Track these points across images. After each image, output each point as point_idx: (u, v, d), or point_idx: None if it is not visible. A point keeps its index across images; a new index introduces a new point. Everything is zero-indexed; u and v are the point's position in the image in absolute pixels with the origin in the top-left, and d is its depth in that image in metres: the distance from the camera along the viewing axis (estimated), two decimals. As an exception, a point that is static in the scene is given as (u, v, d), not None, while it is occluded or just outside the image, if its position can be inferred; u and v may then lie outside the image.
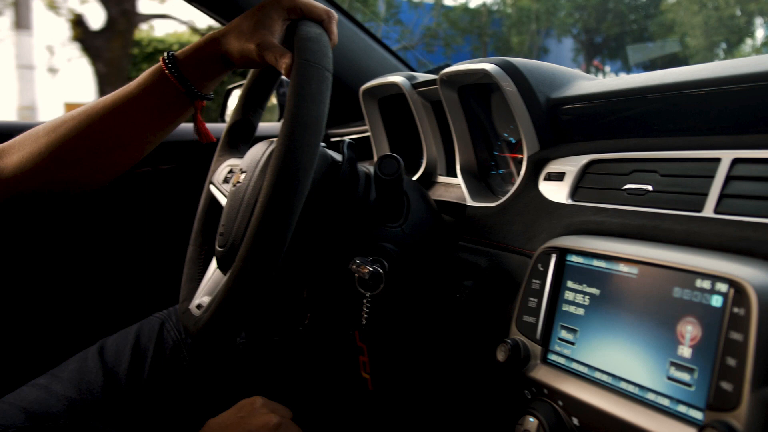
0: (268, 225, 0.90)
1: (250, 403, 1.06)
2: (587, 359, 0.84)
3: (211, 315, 0.99)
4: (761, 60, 0.88)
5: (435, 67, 1.84)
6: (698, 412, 0.69)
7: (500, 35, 21.51)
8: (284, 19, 1.10)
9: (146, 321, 1.43)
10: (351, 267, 1.09)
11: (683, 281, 0.74)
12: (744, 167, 0.82)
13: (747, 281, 0.67)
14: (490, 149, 1.40)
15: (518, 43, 20.33)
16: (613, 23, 19.92)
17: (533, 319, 0.93)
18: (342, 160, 1.15)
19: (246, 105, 1.37)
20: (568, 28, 20.72)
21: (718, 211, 0.80)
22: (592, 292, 0.86)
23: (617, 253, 0.84)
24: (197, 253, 1.32)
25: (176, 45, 11.10)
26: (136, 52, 10.99)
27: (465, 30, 21.09)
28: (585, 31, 20.48)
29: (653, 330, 0.77)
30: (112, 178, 1.20)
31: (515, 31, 20.69)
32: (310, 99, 0.94)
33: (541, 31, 20.72)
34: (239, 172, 1.16)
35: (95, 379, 1.27)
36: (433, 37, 19.63)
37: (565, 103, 1.16)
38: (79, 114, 1.14)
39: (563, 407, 0.85)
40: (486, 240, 1.17)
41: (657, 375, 0.75)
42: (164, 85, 1.14)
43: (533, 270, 0.96)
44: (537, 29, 20.46)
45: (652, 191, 0.92)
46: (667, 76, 1.00)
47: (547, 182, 1.12)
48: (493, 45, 21.54)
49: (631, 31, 19.81)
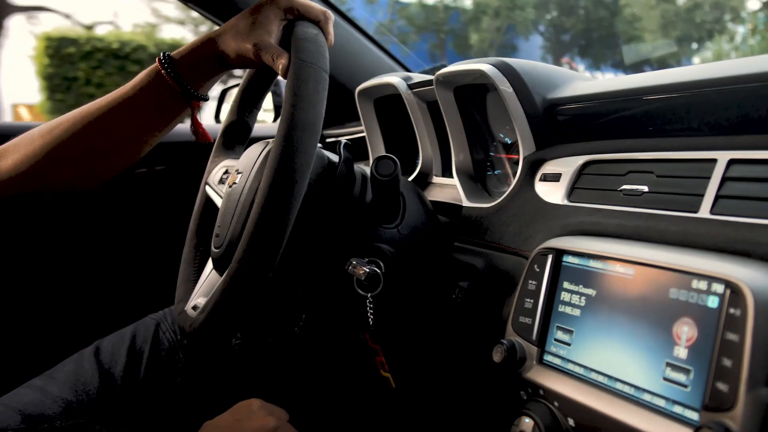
0: (265, 226, 0.90)
1: (247, 406, 1.06)
2: (583, 360, 0.84)
3: (207, 316, 0.99)
4: (757, 61, 0.88)
5: (431, 67, 1.84)
6: (694, 413, 0.69)
7: (458, 32, 21.23)
8: (281, 19, 1.10)
9: (142, 322, 1.43)
10: (347, 268, 1.09)
11: (679, 282, 0.74)
12: (740, 168, 0.82)
13: (743, 282, 0.67)
14: (486, 150, 1.40)
15: (479, 40, 20.06)
16: (579, 20, 19.73)
17: (529, 320, 0.93)
18: (338, 161, 1.15)
19: (241, 106, 1.37)
20: (529, 25, 20.43)
21: (714, 212, 0.80)
22: (588, 293, 0.86)
23: (613, 254, 0.84)
24: (193, 255, 1.32)
25: (116, 43, 10.95)
26: (73, 51, 10.75)
27: (421, 27, 20.78)
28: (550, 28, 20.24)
29: (649, 331, 0.76)
30: (109, 180, 1.20)
31: (473, 27, 20.42)
32: (306, 99, 0.94)
33: (501, 28, 20.42)
34: (235, 173, 1.16)
35: (91, 380, 1.27)
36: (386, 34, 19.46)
37: (561, 104, 1.16)
38: (74, 116, 1.14)
39: (559, 408, 0.85)
40: (482, 241, 1.17)
41: (653, 376, 0.75)
42: (160, 85, 1.14)
43: (529, 271, 0.96)
44: (498, 26, 20.16)
45: (648, 192, 0.92)
46: (664, 77, 1.00)
47: (543, 183, 1.12)
48: (452, 42, 21.27)
49: (597, 28, 19.61)
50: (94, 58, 10.79)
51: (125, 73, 10.50)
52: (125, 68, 10.71)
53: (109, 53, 10.83)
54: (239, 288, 0.93)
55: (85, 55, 10.83)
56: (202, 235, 1.33)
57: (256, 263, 0.91)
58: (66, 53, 10.76)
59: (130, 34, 12.04)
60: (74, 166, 1.15)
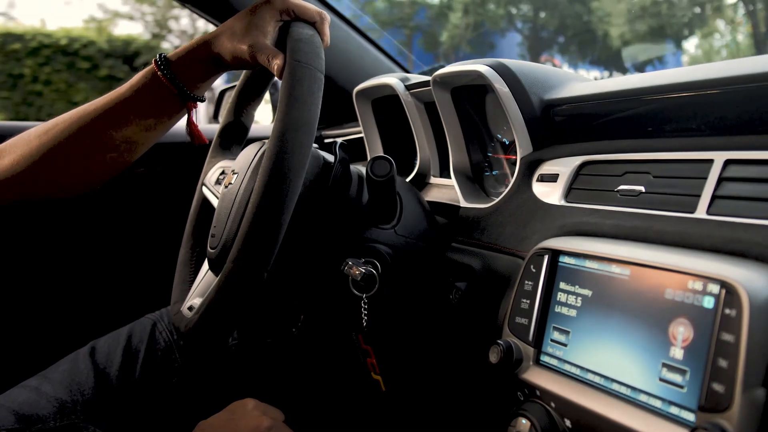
0: (259, 226, 0.90)
1: (242, 405, 1.05)
2: (579, 361, 0.84)
3: (202, 316, 0.99)
4: (754, 62, 0.88)
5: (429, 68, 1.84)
6: (690, 414, 0.69)
7: (426, 29, 20.88)
8: (277, 20, 1.10)
9: (138, 322, 1.43)
10: (343, 268, 1.09)
11: (675, 282, 0.74)
12: (736, 168, 0.82)
13: (738, 282, 0.67)
14: (483, 150, 1.39)
15: (449, 37, 19.76)
16: (553, 15, 19.48)
17: (526, 321, 0.93)
18: (334, 161, 1.15)
19: (238, 106, 1.37)
20: (499, 21, 20.10)
21: (710, 213, 0.80)
22: (585, 294, 0.86)
23: (609, 255, 0.84)
24: (189, 255, 1.32)
25: (65, 39, 10.46)
26: (18, 47, 10.30)
27: (386, 22, 20.37)
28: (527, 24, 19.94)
29: (645, 331, 0.76)
30: (105, 181, 1.20)
31: (439, 23, 20.11)
32: (301, 100, 0.94)
33: (470, 25, 20.04)
34: (231, 174, 1.16)
35: (86, 381, 1.27)
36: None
37: (558, 105, 1.16)
38: (70, 116, 1.14)
39: (555, 409, 0.85)
40: (479, 241, 1.17)
41: (649, 376, 0.75)
42: (156, 86, 1.14)
43: (526, 271, 0.96)
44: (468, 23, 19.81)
45: (645, 192, 0.92)
46: (660, 78, 1.00)
47: (540, 183, 1.12)
48: (421, 40, 20.91)
49: (573, 24, 19.35)
50: (41, 54, 10.36)
51: (74, 70, 10.19)
52: (74, 65, 10.35)
53: (57, 49, 10.40)
54: (234, 288, 0.92)
55: (31, 51, 10.41)
56: (198, 236, 1.33)
57: (251, 264, 0.90)
58: (11, 49, 10.33)
59: (80, 30, 11.61)
60: (71, 167, 1.15)
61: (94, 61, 10.29)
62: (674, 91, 0.96)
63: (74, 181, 1.17)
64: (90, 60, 10.38)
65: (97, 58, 10.30)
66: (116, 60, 10.41)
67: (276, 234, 0.90)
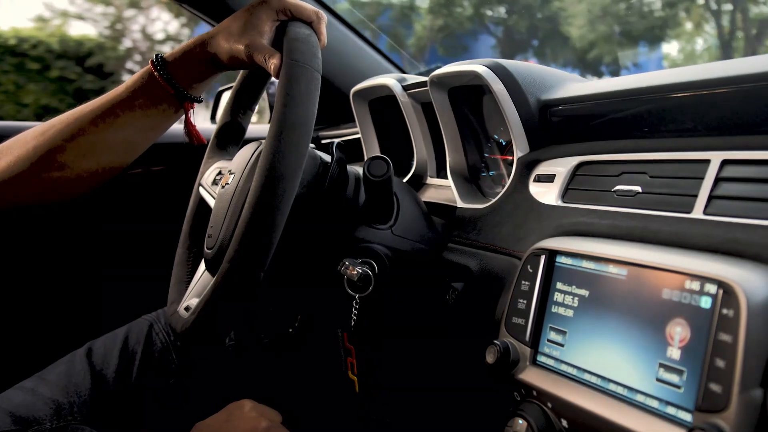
0: (256, 226, 0.90)
1: (239, 407, 1.05)
2: (576, 361, 0.84)
3: (199, 317, 0.98)
4: (750, 62, 0.88)
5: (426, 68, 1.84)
6: (687, 414, 0.69)
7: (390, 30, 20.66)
8: (273, 20, 1.10)
9: (135, 323, 1.43)
10: (340, 269, 1.09)
11: (672, 283, 0.74)
12: (733, 168, 0.82)
13: (736, 282, 0.67)
14: (480, 151, 1.39)
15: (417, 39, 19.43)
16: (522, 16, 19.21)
17: (522, 321, 0.93)
18: (331, 162, 1.15)
19: (235, 106, 1.37)
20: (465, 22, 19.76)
21: (707, 213, 0.80)
22: (581, 294, 0.86)
23: (606, 255, 0.84)
24: (186, 255, 1.32)
25: (13, 39, 9.93)
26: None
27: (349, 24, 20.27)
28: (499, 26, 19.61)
29: (642, 331, 0.76)
30: (102, 182, 1.20)
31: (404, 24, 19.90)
32: (298, 100, 0.94)
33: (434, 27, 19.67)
34: (228, 174, 1.15)
35: (83, 382, 1.27)
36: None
37: (555, 105, 1.16)
38: (67, 117, 1.13)
39: (552, 409, 0.85)
40: (476, 242, 1.17)
41: (646, 376, 0.75)
42: (153, 87, 1.14)
43: (522, 271, 0.95)
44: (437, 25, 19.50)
45: (641, 192, 0.92)
46: (657, 78, 1.00)
47: (537, 184, 1.11)
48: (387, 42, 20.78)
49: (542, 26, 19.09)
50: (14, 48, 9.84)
51: (24, 72, 9.91)
52: (24, 66, 9.87)
53: (5, 50, 9.89)
54: (231, 289, 0.92)
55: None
56: (195, 236, 1.33)
57: (247, 264, 0.90)
58: None
59: (30, 30, 11.22)
60: (67, 168, 1.14)
61: (45, 62, 10.00)
62: (671, 92, 0.96)
63: (71, 183, 1.16)
64: (41, 61, 10.03)
65: (48, 59, 10.01)
66: (68, 61, 10.10)
67: (272, 234, 0.90)
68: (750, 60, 0.89)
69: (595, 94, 1.10)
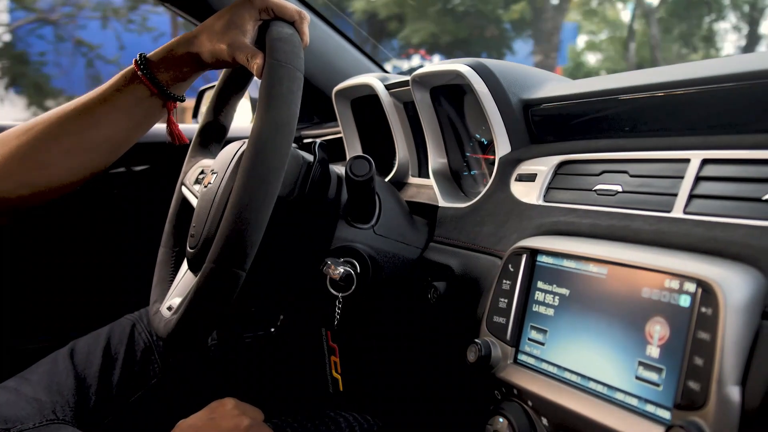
0: (238, 227, 0.89)
1: (221, 405, 1.05)
2: (557, 359, 0.84)
3: (181, 317, 0.98)
4: (730, 62, 0.89)
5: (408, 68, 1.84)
6: (666, 412, 0.69)
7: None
8: (256, 19, 1.10)
9: (118, 323, 1.42)
10: (322, 268, 1.09)
11: (652, 281, 0.75)
12: (713, 168, 0.82)
13: (714, 281, 0.67)
14: (462, 150, 1.40)
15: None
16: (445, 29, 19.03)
17: (504, 320, 0.93)
18: (313, 161, 1.15)
19: (218, 106, 1.36)
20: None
21: (687, 212, 0.81)
22: (562, 293, 0.86)
23: (587, 254, 0.84)
24: (168, 255, 1.32)
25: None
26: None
27: None
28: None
29: (622, 330, 0.77)
30: (85, 181, 1.19)
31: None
32: (281, 100, 0.94)
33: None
34: (210, 173, 1.15)
35: (65, 382, 1.27)
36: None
37: (536, 104, 1.16)
38: (50, 116, 1.13)
39: (533, 407, 0.85)
40: (457, 241, 1.17)
41: (625, 375, 0.75)
42: (136, 86, 1.13)
43: (504, 271, 0.96)
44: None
45: (622, 192, 0.92)
46: (638, 78, 1.00)
47: (518, 183, 1.12)
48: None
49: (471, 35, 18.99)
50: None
51: None
52: None
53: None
54: (212, 290, 0.92)
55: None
56: (177, 236, 1.32)
57: (229, 264, 0.90)
58: None
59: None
60: (50, 167, 1.13)
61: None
62: (651, 91, 0.96)
63: (53, 181, 1.15)
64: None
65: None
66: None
67: (254, 235, 0.90)
68: (730, 60, 0.90)
69: (576, 93, 1.10)
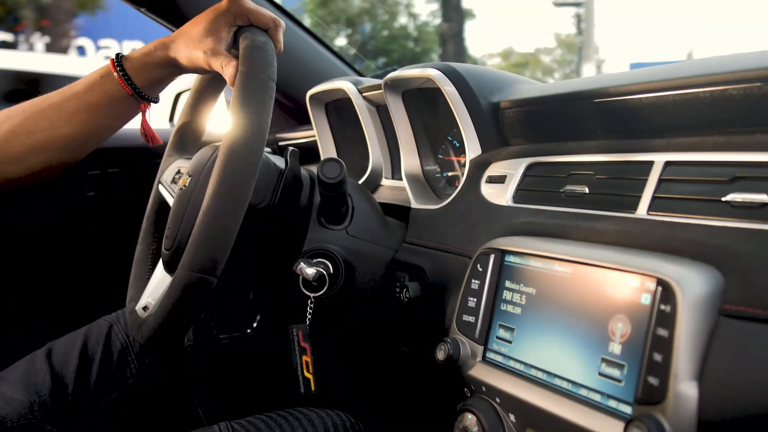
0: (209, 234, 0.91)
1: None
2: (523, 357, 0.86)
3: (154, 321, 0.99)
4: (693, 65, 0.90)
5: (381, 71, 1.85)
6: (627, 407, 0.71)
7: None
8: (231, 25, 1.11)
9: (95, 324, 1.42)
10: (295, 269, 1.10)
11: (614, 280, 0.76)
12: (675, 169, 0.84)
13: (673, 279, 0.69)
14: (434, 153, 1.41)
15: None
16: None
17: (473, 319, 0.95)
18: (285, 168, 1.16)
19: (194, 108, 1.37)
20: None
21: (650, 212, 0.83)
22: (529, 292, 0.87)
23: (552, 254, 0.86)
24: (146, 253, 1.32)
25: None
26: None
27: None
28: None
29: (586, 327, 0.78)
30: (53, 176, 1.19)
31: None
32: (252, 108, 0.95)
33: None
34: (186, 176, 1.16)
35: (43, 382, 1.27)
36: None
37: (506, 107, 1.18)
38: (23, 110, 1.13)
39: (500, 404, 0.86)
40: (429, 242, 1.19)
41: (589, 371, 0.77)
42: (111, 86, 1.13)
43: (473, 270, 0.97)
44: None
45: (588, 193, 0.94)
46: (604, 81, 1.02)
47: (488, 185, 1.13)
48: None
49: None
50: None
51: None
52: None
53: None
54: (185, 296, 0.93)
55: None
56: (154, 233, 1.33)
57: (200, 271, 0.91)
58: None
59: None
60: (20, 161, 1.14)
61: None
62: (616, 95, 0.98)
63: (21, 175, 1.16)
64: None
65: None
66: None
67: (225, 242, 0.91)
68: (693, 63, 0.92)
69: (544, 96, 1.11)
